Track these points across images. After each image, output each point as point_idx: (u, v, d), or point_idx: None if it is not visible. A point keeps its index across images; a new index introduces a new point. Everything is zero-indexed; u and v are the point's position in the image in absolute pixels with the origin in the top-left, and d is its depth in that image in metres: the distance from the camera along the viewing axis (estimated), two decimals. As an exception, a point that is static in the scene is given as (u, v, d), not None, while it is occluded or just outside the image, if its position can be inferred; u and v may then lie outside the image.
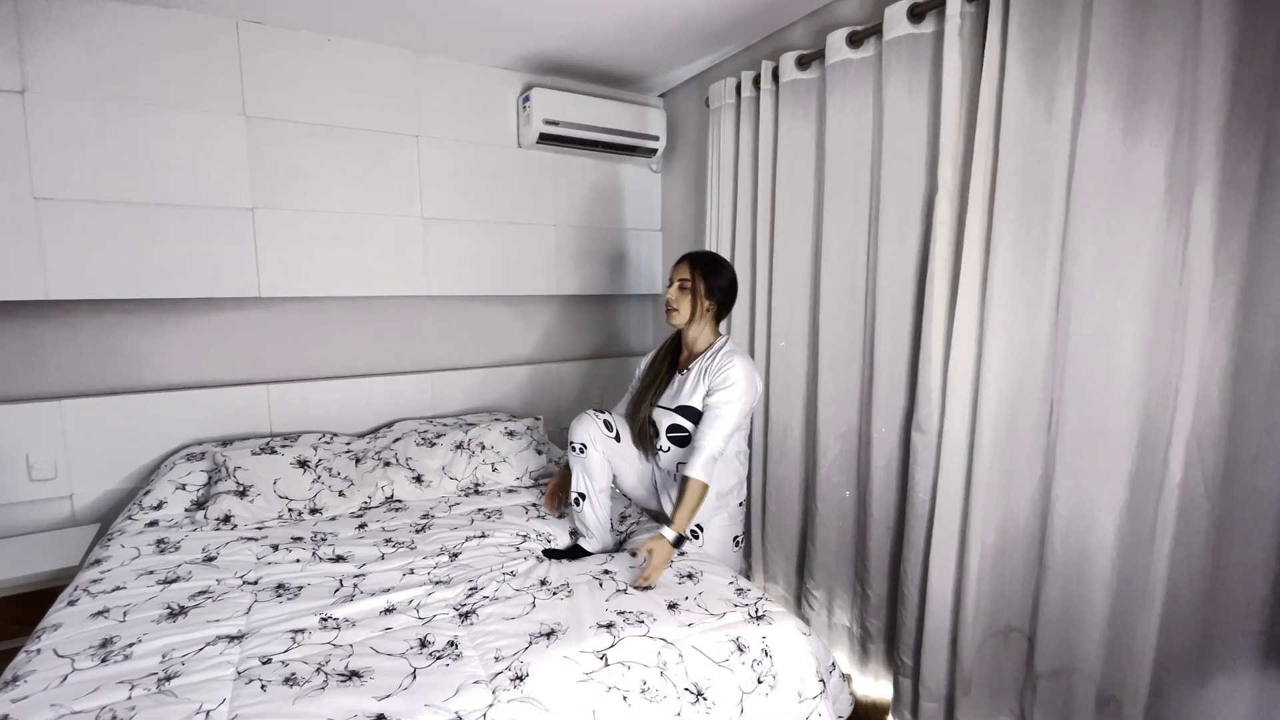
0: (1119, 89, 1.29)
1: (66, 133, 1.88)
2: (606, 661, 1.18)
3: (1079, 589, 1.43)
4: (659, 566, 1.48)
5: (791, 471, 2.20)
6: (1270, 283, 1.13)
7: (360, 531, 1.79)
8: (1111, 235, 1.32)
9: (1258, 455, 1.15)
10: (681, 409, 1.71)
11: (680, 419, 1.70)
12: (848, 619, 2.06)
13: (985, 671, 1.62)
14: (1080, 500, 1.41)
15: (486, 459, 2.19)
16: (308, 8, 2.01)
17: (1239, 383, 1.18)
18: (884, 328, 1.80)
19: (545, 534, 1.79)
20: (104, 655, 1.17)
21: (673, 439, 1.72)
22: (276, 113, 2.16)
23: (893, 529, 1.87)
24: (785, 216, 2.10)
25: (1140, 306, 1.30)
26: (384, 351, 2.50)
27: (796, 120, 2.05)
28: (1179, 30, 1.21)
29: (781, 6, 2.01)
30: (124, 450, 2.06)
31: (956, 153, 1.58)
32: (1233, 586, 1.20)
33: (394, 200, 2.39)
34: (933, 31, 1.64)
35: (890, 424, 1.83)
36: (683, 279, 1.74)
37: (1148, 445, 1.30)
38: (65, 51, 1.86)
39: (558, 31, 2.19)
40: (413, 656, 1.20)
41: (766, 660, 1.27)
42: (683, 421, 1.70)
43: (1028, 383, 1.50)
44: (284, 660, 1.18)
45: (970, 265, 1.54)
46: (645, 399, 1.79)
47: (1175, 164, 1.23)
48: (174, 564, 1.54)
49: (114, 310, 2.05)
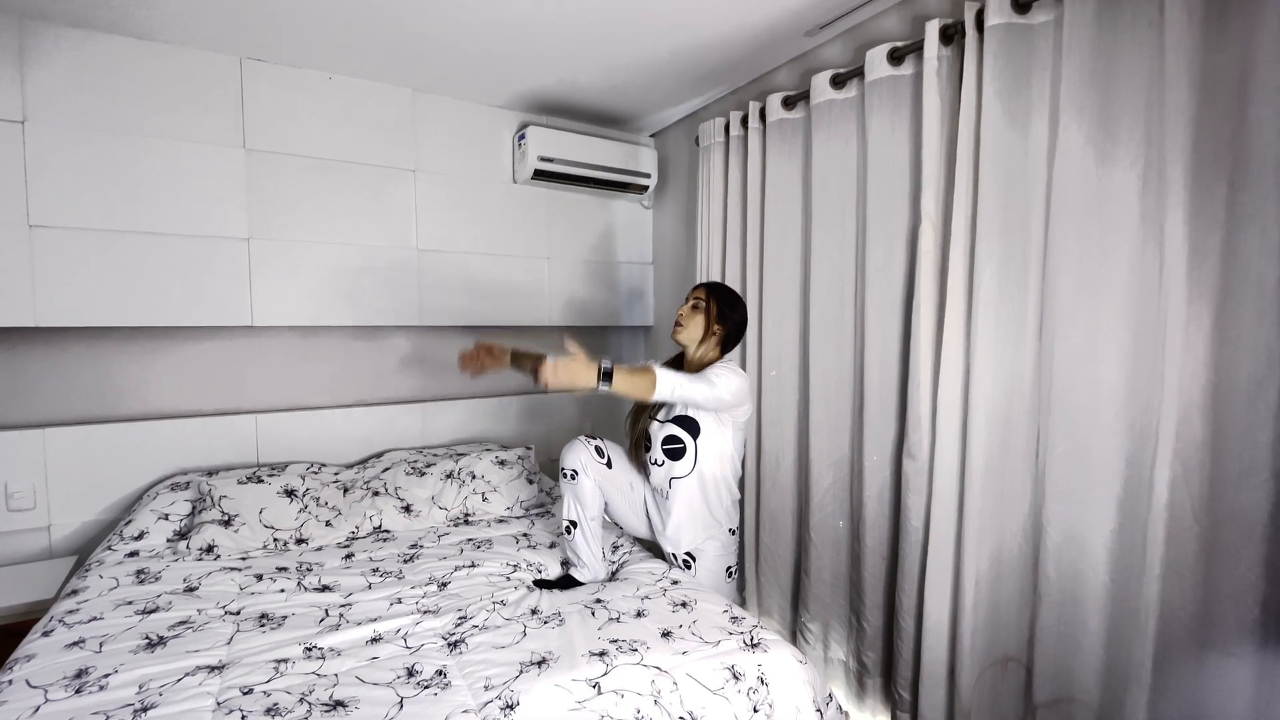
0: (1090, 125, 1.35)
1: (65, 162, 1.90)
2: (599, 690, 1.16)
3: (1074, 615, 1.42)
4: (566, 369, 1.45)
5: (785, 501, 2.19)
6: (1241, 308, 1.17)
7: (347, 561, 1.75)
8: (1089, 263, 1.37)
9: (1240, 475, 1.17)
10: (678, 419, 1.72)
11: (676, 429, 1.71)
12: (843, 653, 2.03)
13: (984, 704, 1.59)
14: (1071, 524, 1.42)
15: (477, 488, 2.17)
16: (311, 47, 2.07)
17: (1218, 405, 1.20)
18: (873, 356, 1.83)
19: (536, 564, 1.77)
20: (78, 686, 1.13)
21: (667, 450, 1.73)
22: (276, 146, 2.20)
23: (887, 558, 1.86)
24: (774, 250, 2.15)
25: (1120, 331, 1.33)
26: (375, 381, 2.49)
27: (784, 157, 2.12)
28: (1144, 69, 1.28)
29: (767, 51, 2.10)
30: (106, 480, 2.02)
31: (938, 186, 1.64)
32: (1225, 609, 1.20)
33: (390, 232, 2.42)
34: (912, 73, 1.72)
35: (882, 452, 1.84)
36: (698, 298, 1.77)
37: (1134, 468, 1.32)
38: (68, 83, 1.90)
39: (552, 74, 2.28)
40: (400, 686, 1.16)
41: (762, 689, 1.24)
42: (679, 432, 1.71)
43: (1015, 408, 1.52)
44: (266, 690, 1.14)
45: (955, 294, 1.58)
46: (644, 412, 1.80)
47: (1147, 195, 1.29)
48: (154, 594, 1.50)
49: (103, 338, 2.04)
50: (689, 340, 1.78)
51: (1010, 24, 1.46)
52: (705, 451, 1.70)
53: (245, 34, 1.97)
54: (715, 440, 1.70)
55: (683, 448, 1.70)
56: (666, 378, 1.55)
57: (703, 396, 1.60)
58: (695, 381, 1.59)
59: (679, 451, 1.71)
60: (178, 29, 1.93)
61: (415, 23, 1.89)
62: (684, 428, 1.70)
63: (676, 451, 1.71)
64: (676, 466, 1.71)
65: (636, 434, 1.81)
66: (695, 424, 1.69)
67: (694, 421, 1.69)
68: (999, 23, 1.46)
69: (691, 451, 1.70)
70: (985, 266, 1.51)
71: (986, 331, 1.52)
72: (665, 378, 1.54)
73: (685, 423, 1.70)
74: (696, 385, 1.58)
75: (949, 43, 1.60)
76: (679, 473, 1.71)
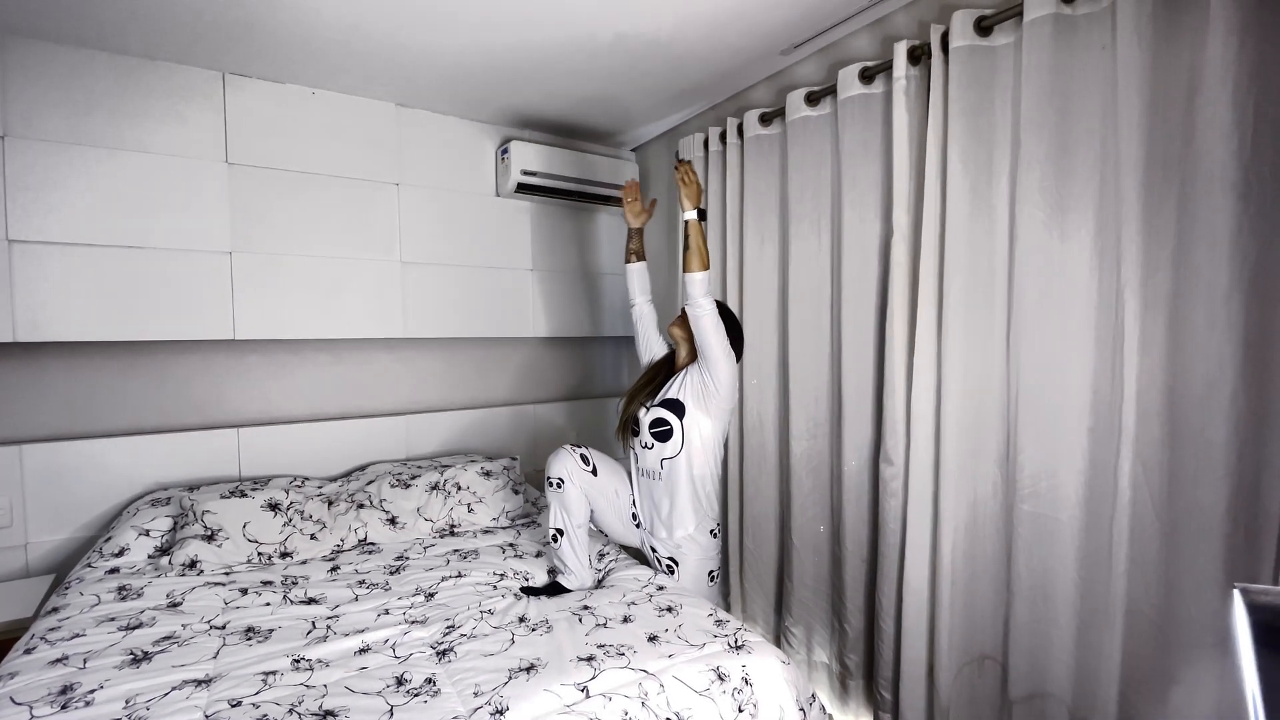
0: (1049, 143, 1.42)
1: (44, 177, 1.90)
2: (588, 694, 1.18)
3: (1045, 612, 1.47)
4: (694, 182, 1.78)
5: (767, 507, 2.23)
6: (1194, 315, 1.23)
7: (333, 574, 1.75)
8: (1051, 273, 1.43)
9: (1197, 473, 1.23)
10: (666, 402, 1.77)
11: (665, 412, 1.77)
12: (826, 655, 2.06)
13: (963, 701, 1.64)
14: (1040, 523, 1.47)
15: (462, 499, 2.18)
16: (294, 63, 2.09)
17: (1174, 406, 1.27)
18: (849, 363, 1.89)
19: (523, 572, 1.78)
20: (64, 702, 1.13)
21: (655, 433, 1.78)
22: (259, 160, 2.21)
23: (867, 560, 1.90)
24: (753, 261, 2.21)
25: (1082, 338, 1.40)
26: (358, 394, 2.49)
27: (761, 172, 2.18)
28: (1099, 89, 1.35)
29: (744, 69, 2.17)
30: (84, 497, 2.00)
31: (908, 200, 1.70)
32: (1187, 601, 1.26)
33: (374, 245, 2.43)
34: (883, 91, 1.79)
35: (860, 457, 1.89)
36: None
37: (1098, 467, 1.38)
38: (48, 98, 1.90)
39: (534, 90, 2.32)
40: (389, 695, 1.17)
41: (747, 689, 1.27)
42: (667, 415, 1.76)
43: (985, 413, 1.58)
44: (255, 702, 1.14)
45: (926, 304, 1.64)
46: (636, 398, 1.86)
47: (1104, 209, 1.36)
48: (136, 610, 1.49)
49: (82, 353, 2.03)
50: (682, 337, 1.85)
51: (973, 46, 1.53)
52: (690, 432, 1.75)
53: (228, 49, 1.99)
54: (698, 423, 1.75)
55: (669, 429, 1.75)
56: (710, 282, 1.70)
57: (716, 335, 1.68)
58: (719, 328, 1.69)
59: (666, 434, 1.76)
60: (160, 45, 1.94)
61: (398, 39, 1.92)
62: (671, 410, 1.76)
63: (664, 434, 1.76)
64: (665, 448, 1.77)
65: (626, 416, 1.87)
66: (681, 406, 1.75)
67: (680, 404, 1.75)
68: (963, 44, 1.53)
69: (678, 432, 1.75)
70: (954, 277, 1.57)
71: (957, 340, 1.58)
72: (710, 280, 1.70)
73: (673, 405, 1.76)
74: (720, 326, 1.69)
75: (916, 63, 1.67)
76: (669, 453, 1.76)
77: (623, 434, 1.92)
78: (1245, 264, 1.16)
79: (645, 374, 1.94)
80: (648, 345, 2.01)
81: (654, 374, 1.90)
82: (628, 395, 1.92)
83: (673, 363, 1.91)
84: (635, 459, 1.87)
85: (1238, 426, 1.17)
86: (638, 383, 1.92)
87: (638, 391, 1.88)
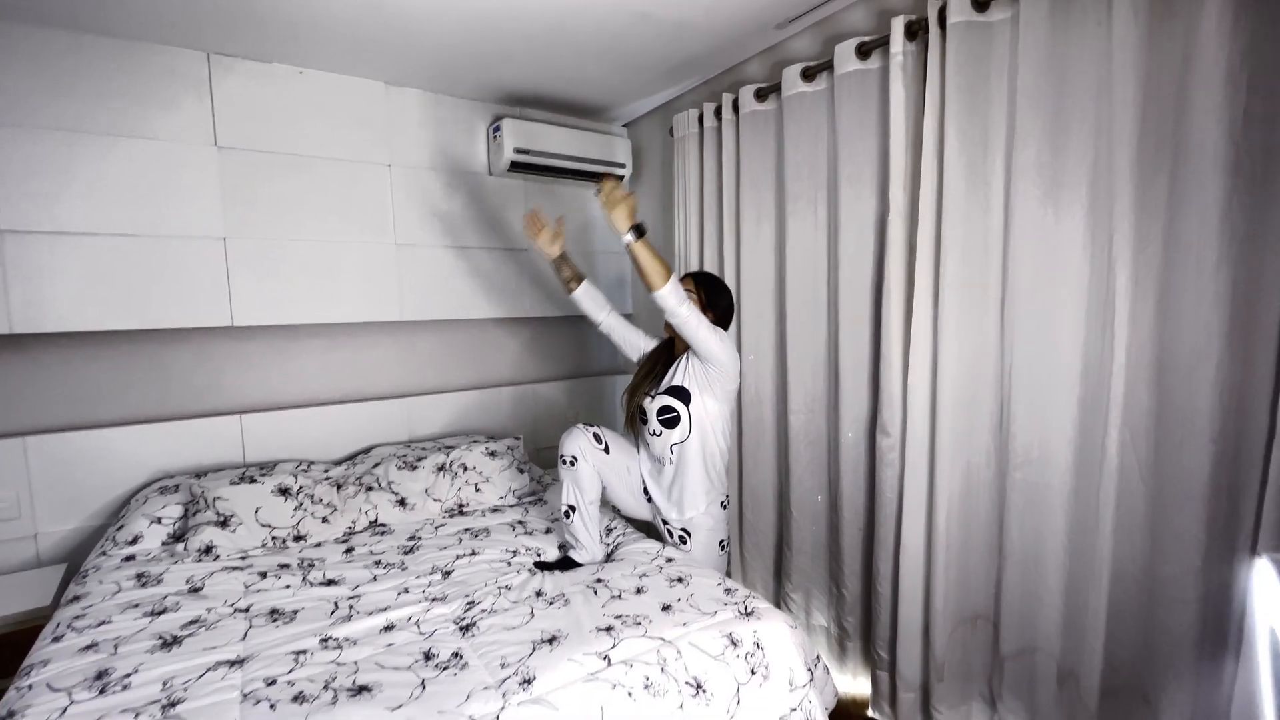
0: (1045, 118, 1.45)
1: (31, 164, 1.86)
2: (609, 661, 1.24)
3: (1036, 573, 1.55)
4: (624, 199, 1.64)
5: (766, 478, 2.30)
6: (1182, 288, 1.28)
7: (348, 556, 1.79)
8: (1045, 248, 1.48)
9: (1182, 440, 1.30)
10: (671, 389, 1.80)
11: (670, 399, 1.79)
12: (825, 619, 2.15)
13: (956, 659, 1.72)
14: (1032, 489, 1.54)
15: (470, 480, 2.22)
16: (279, 41, 2.05)
17: (1162, 376, 1.32)
18: (846, 338, 1.93)
19: (535, 548, 1.83)
20: (101, 686, 1.16)
21: (663, 420, 1.81)
22: (249, 143, 2.17)
23: (863, 529, 1.98)
24: (750, 238, 2.23)
25: (1074, 311, 1.45)
26: (358, 378, 2.50)
27: (756, 148, 2.18)
28: (1094, 65, 1.38)
29: (738, 43, 2.16)
30: (91, 486, 2.01)
31: (905, 177, 1.73)
32: (1169, 559, 1.33)
33: (367, 228, 2.42)
34: (879, 67, 1.80)
35: (856, 429, 1.95)
36: (687, 289, 1.83)
37: (1087, 435, 1.45)
38: (31, 84, 1.85)
39: (525, 65, 2.28)
40: (419, 669, 1.22)
41: (759, 653, 1.34)
42: (673, 402, 1.79)
43: (980, 384, 1.63)
44: (290, 680, 1.19)
45: (922, 279, 1.68)
46: (639, 389, 1.88)
47: (1097, 185, 1.39)
48: (159, 596, 1.52)
49: (80, 343, 2.01)
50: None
51: (970, 21, 1.54)
52: (697, 416, 1.78)
53: (210, 28, 1.93)
54: (705, 406, 1.78)
55: (677, 416, 1.78)
56: (679, 287, 1.63)
57: (705, 334, 1.66)
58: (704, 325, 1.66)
59: (674, 420, 1.79)
60: (139, 24, 1.88)
61: (384, 14, 1.88)
62: (676, 397, 1.79)
63: (672, 420, 1.79)
64: (674, 434, 1.80)
65: (632, 409, 1.89)
66: (686, 392, 1.78)
67: (685, 390, 1.78)
68: (960, 20, 1.54)
69: (686, 418, 1.78)
70: (950, 253, 1.61)
71: (952, 314, 1.62)
72: (678, 286, 1.62)
73: (677, 392, 1.79)
74: (705, 323, 1.66)
75: (913, 38, 1.68)
76: (678, 439, 1.80)
77: (631, 426, 1.93)
78: (1234, 238, 1.21)
79: (644, 364, 1.95)
80: (632, 346, 2.00)
81: (654, 363, 1.91)
82: (630, 388, 1.93)
83: (672, 348, 1.92)
84: (646, 446, 1.90)
85: (1222, 395, 1.23)
86: (638, 374, 1.93)
87: (640, 382, 1.89)
